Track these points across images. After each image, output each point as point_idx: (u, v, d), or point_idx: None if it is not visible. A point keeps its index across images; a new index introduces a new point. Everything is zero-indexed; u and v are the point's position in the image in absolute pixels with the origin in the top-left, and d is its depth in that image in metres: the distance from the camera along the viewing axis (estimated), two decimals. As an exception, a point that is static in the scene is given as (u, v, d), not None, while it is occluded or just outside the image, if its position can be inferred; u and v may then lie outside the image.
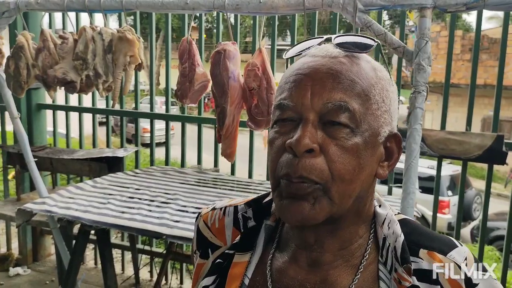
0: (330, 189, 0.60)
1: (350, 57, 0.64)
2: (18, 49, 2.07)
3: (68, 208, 2.09)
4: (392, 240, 0.65)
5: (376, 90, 0.63)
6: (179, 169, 2.87)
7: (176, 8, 1.82)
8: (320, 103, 0.60)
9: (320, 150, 0.60)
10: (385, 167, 0.66)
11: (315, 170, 0.59)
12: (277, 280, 0.68)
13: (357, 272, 0.65)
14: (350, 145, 0.60)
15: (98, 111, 3.41)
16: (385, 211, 0.69)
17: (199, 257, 0.77)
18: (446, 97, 2.53)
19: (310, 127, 0.60)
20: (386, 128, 0.64)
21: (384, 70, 0.67)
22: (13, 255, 3.56)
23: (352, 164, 0.60)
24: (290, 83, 0.63)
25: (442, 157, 2.51)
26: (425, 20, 1.48)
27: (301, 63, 0.64)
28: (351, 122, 0.60)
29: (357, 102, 0.60)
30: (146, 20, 3.99)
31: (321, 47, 0.66)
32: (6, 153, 3.12)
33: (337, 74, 0.61)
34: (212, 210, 0.79)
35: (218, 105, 1.80)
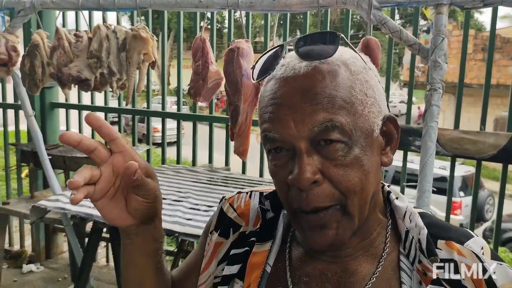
0: (346, 206, 0.61)
1: (319, 66, 0.61)
2: (34, 47, 2.09)
3: (81, 205, 2.10)
4: (415, 232, 0.66)
5: (356, 90, 0.61)
6: (190, 168, 2.88)
7: (189, 6, 1.83)
8: (306, 130, 0.59)
9: (323, 176, 0.59)
10: (388, 152, 0.66)
11: (326, 196, 0.60)
12: (298, 268, 0.69)
13: (379, 264, 0.66)
14: (349, 160, 0.60)
15: (110, 110, 3.44)
16: (404, 203, 0.69)
17: (218, 235, 0.77)
18: (460, 96, 2.49)
19: (306, 158, 0.59)
20: (378, 119, 0.63)
21: (356, 59, 0.64)
22: (26, 252, 3.60)
23: (358, 175, 0.60)
24: (268, 113, 0.62)
25: (455, 156, 2.49)
26: (442, 17, 1.47)
27: (273, 90, 0.62)
28: (343, 136, 0.59)
29: (342, 115, 0.59)
30: (157, 21, 4.02)
31: (286, 63, 0.63)
32: (20, 151, 3.15)
33: (311, 94, 0.59)
34: (238, 193, 0.81)
35: (231, 103, 1.80)
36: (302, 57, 0.62)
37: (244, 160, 2.03)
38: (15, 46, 2.18)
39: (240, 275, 0.72)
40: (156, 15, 4.50)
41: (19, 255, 3.57)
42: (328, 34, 0.63)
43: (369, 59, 0.67)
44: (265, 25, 2.84)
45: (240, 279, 0.71)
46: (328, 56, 0.62)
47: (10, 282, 3.24)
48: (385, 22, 1.54)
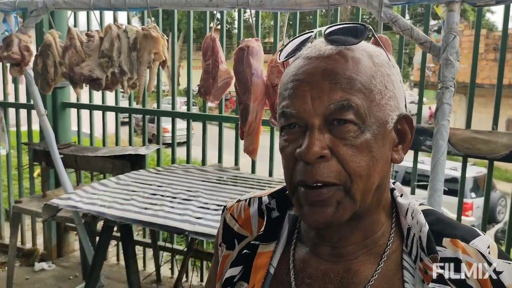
0: (350, 189, 0.60)
1: (344, 51, 0.63)
2: (46, 47, 2.12)
3: (92, 204, 2.12)
4: (416, 230, 0.65)
5: (376, 79, 0.62)
6: (200, 167, 2.89)
7: (200, 6, 1.84)
8: (321, 107, 0.60)
9: (331, 152, 0.60)
10: (399, 150, 0.66)
11: (332, 172, 0.60)
12: (301, 269, 0.69)
13: (380, 261, 0.66)
14: (359, 142, 0.60)
15: (121, 109, 3.46)
16: (407, 200, 0.69)
17: (225, 249, 0.78)
18: (472, 96, 2.47)
19: (317, 133, 0.60)
20: (394, 114, 0.64)
21: (381, 54, 0.66)
22: (38, 251, 3.64)
23: (366, 160, 0.60)
24: (288, 89, 0.63)
25: (467, 156, 2.46)
26: (453, 15, 1.46)
27: (296, 68, 0.64)
28: (357, 118, 0.60)
29: (359, 98, 0.60)
30: (166, 21, 4.05)
31: (313, 45, 0.65)
32: (32, 150, 3.19)
33: (333, 74, 0.60)
34: (237, 202, 0.80)
35: (241, 101, 1.80)
36: (329, 41, 0.64)
37: (253, 159, 2.03)
38: (28, 46, 2.21)
39: (244, 277, 0.72)
40: (166, 16, 4.54)
41: (31, 253, 3.61)
42: (357, 25, 0.65)
43: (393, 58, 0.68)
44: (274, 25, 2.84)
45: (244, 281, 0.72)
46: (353, 44, 0.63)
47: (22, 280, 3.28)
48: (396, 20, 1.53)
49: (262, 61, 1.80)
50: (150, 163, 4.94)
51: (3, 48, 2.19)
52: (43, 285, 3.24)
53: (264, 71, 1.80)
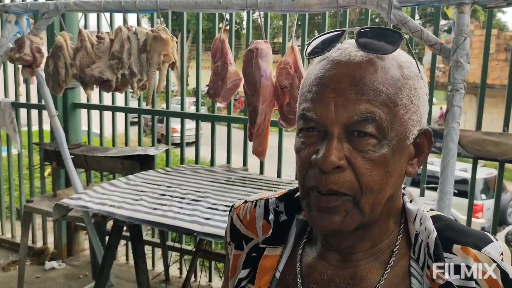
0: (360, 201, 0.60)
1: (375, 60, 0.61)
2: (57, 49, 2.15)
3: (102, 204, 2.14)
4: (424, 236, 0.64)
5: (403, 93, 0.61)
6: (209, 168, 2.90)
7: (209, 7, 1.85)
8: (345, 116, 0.58)
9: (348, 162, 0.59)
10: (414, 164, 0.65)
11: (345, 183, 0.59)
12: (307, 274, 0.68)
13: (387, 267, 0.65)
14: (377, 157, 0.59)
15: (131, 110, 3.49)
16: (416, 206, 0.68)
17: (234, 248, 0.78)
18: (482, 97, 2.45)
19: (336, 143, 0.59)
20: (415, 129, 0.63)
21: (412, 65, 0.64)
22: (48, 250, 3.68)
23: (380, 174, 0.60)
24: (312, 93, 0.61)
25: (477, 158, 2.44)
26: (464, 16, 1.45)
27: (322, 70, 0.62)
28: (378, 132, 0.59)
29: (383, 111, 0.59)
30: (176, 22, 4.06)
31: (343, 48, 0.63)
32: (43, 150, 3.23)
33: (360, 84, 0.59)
34: (244, 203, 0.80)
35: (250, 103, 1.81)
36: (361, 46, 0.62)
37: (262, 160, 2.04)
38: (39, 47, 2.23)
39: (251, 280, 0.72)
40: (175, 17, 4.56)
41: (42, 252, 3.65)
42: (392, 32, 0.63)
43: (423, 68, 0.66)
44: (283, 26, 2.84)
45: (251, 283, 0.72)
46: (386, 53, 0.61)
47: (33, 279, 3.32)
48: (406, 21, 1.52)
49: (271, 62, 1.80)
50: (159, 163, 4.96)
51: (15, 49, 2.22)
52: (53, 284, 3.28)
53: (273, 73, 1.80)
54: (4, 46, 2.27)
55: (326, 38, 0.66)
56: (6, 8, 2.30)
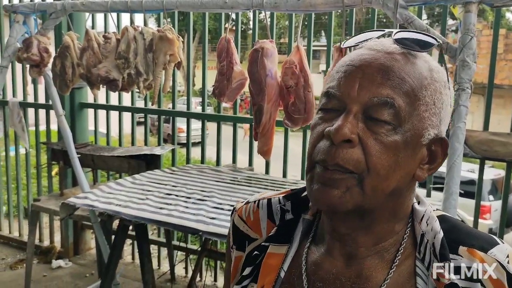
0: (363, 180, 0.60)
1: (407, 54, 0.63)
2: (64, 48, 2.16)
3: (109, 203, 2.15)
4: (430, 236, 0.64)
5: (428, 91, 0.62)
6: (214, 168, 2.90)
7: (215, 7, 1.85)
8: (366, 96, 0.60)
9: (359, 141, 0.60)
10: (424, 170, 0.65)
11: (352, 160, 0.59)
12: (312, 273, 0.68)
13: (392, 266, 0.65)
14: (389, 142, 0.59)
15: (137, 110, 3.50)
16: (424, 207, 0.68)
17: (236, 250, 0.78)
18: (490, 97, 2.43)
19: (352, 118, 0.60)
20: (432, 131, 0.63)
21: (441, 72, 0.65)
22: (55, 248, 3.71)
23: (389, 160, 0.60)
24: (340, 73, 0.64)
25: (484, 159, 2.42)
26: (470, 15, 1.44)
27: (356, 55, 0.64)
28: (394, 119, 0.59)
29: (404, 101, 0.60)
30: (182, 22, 4.08)
31: (379, 40, 0.66)
32: (50, 149, 3.25)
33: (388, 71, 0.61)
34: (246, 204, 0.80)
35: (255, 103, 1.81)
36: (396, 41, 0.64)
37: (267, 160, 2.04)
38: (47, 47, 2.25)
39: (254, 278, 0.72)
40: (182, 17, 4.58)
41: (48, 251, 3.68)
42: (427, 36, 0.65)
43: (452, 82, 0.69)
44: (289, 26, 2.84)
45: (254, 282, 0.72)
46: (419, 51, 0.63)
47: (40, 277, 3.34)
48: (412, 21, 1.52)
49: (276, 62, 1.80)
50: (165, 163, 4.98)
51: (23, 49, 2.24)
52: (60, 282, 3.30)
53: (278, 73, 1.80)
54: (12, 46, 2.29)
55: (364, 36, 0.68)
56: (14, 8, 2.32)
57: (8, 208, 4.00)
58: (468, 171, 6.09)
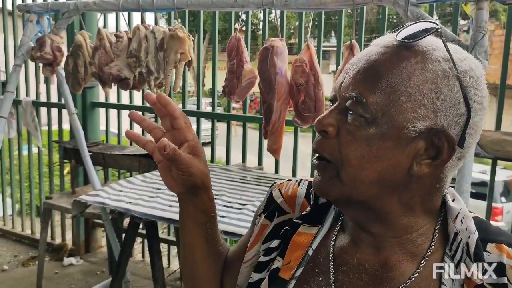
0: (340, 171, 0.64)
1: (398, 47, 0.62)
2: (77, 47, 2.19)
3: (119, 200, 2.17)
4: (464, 235, 0.64)
5: (411, 82, 0.59)
6: (224, 167, 2.92)
7: (225, 6, 1.86)
8: (343, 92, 0.64)
9: (337, 133, 0.64)
10: (423, 164, 0.62)
11: (328, 149, 0.65)
12: (338, 256, 0.71)
13: (422, 261, 0.65)
14: (360, 134, 0.62)
15: (148, 109, 3.52)
16: (459, 205, 0.67)
17: (264, 217, 0.81)
18: (502, 97, 2.40)
19: (335, 111, 0.65)
20: (420, 123, 0.60)
21: (443, 61, 0.60)
22: (67, 246, 3.75)
23: (361, 151, 0.62)
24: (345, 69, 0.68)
25: (496, 159, 2.39)
26: (482, 13, 1.43)
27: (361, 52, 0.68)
28: (366, 113, 0.61)
29: (377, 95, 0.60)
30: (192, 22, 4.10)
31: (386, 35, 0.67)
32: (62, 148, 3.29)
33: (368, 67, 0.63)
34: (288, 180, 0.84)
35: (265, 101, 1.81)
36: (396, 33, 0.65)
37: (277, 158, 2.04)
38: (59, 46, 2.28)
39: (280, 253, 0.74)
40: (192, 18, 4.61)
41: (60, 248, 3.72)
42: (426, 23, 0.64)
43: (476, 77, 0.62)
44: (299, 26, 2.84)
45: (280, 256, 0.74)
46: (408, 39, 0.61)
47: (52, 274, 3.38)
48: (423, 19, 1.51)
49: (287, 60, 1.81)
50: (175, 162, 5.00)
51: (36, 48, 2.27)
52: (71, 280, 3.33)
53: (288, 71, 1.81)
54: (25, 45, 2.33)
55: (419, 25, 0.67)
56: (28, 8, 2.36)
57: (21, 206, 4.05)
58: (480, 172, 6.02)
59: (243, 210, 2.09)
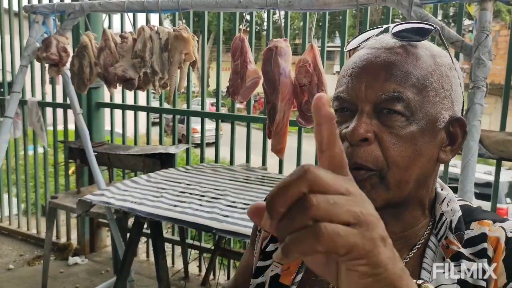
0: (385, 176, 0.61)
1: (407, 46, 0.64)
2: (82, 48, 2.21)
3: (124, 200, 2.18)
4: (449, 215, 0.67)
5: (434, 77, 0.63)
6: (228, 167, 2.93)
7: (229, 7, 1.87)
8: (373, 95, 0.62)
9: (375, 138, 0.61)
10: (447, 151, 0.66)
11: (370, 157, 0.61)
12: None
13: (414, 248, 0.67)
14: (404, 133, 0.61)
15: (152, 109, 3.55)
16: (446, 191, 0.71)
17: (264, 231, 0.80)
18: (507, 97, 2.40)
19: (365, 117, 0.62)
20: (446, 114, 0.64)
21: (444, 55, 0.67)
22: (72, 245, 3.78)
23: (407, 151, 0.61)
24: (347, 76, 0.65)
25: (501, 159, 2.39)
26: (486, 13, 1.43)
27: (358, 56, 0.66)
28: (406, 110, 0.61)
29: (412, 92, 0.61)
30: (197, 23, 4.11)
31: (378, 38, 0.67)
32: (68, 148, 3.31)
33: (391, 66, 0.62)
34: None
35: (269, 101, 1.82)
36: (395, 35, 0.66)
37: (281, 158, 2.05)
38: (65, 47, 2.30)
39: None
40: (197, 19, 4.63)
41: (65, 248, 3.75)
42: (423, 24, 0.67)
43: (458, 63, 0.69)
44: (303, 26, 2.85)
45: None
46: (417, 41, 0.65)
47: (57, 273, 3.40)
48: (426, 19, 1.51)
49: (290, 61, 1.81)
50: (180, 162, 5.02)
51: (42, 49, 2.29)
52: (76, 279, 3.35)
53: (292, 71, 1.81)
54: (31, 45, 2.35)
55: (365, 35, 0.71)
56: (34, 9, 2.38)
57: (27, 206, 4.08)
58: (485, 173, 6.00)
59: (247, 209, 2.09)
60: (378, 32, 0.69)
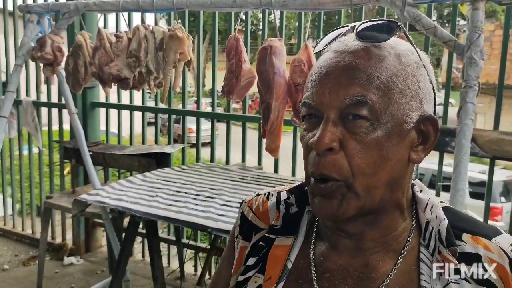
0: (353, 185, 0.61)
1: (370, 48, 0.63)
2: (77, 48, 2.21)
3: (119, 200, 2.18)
4: (435, 224, 0.66)
5: (399, 78, 0.62)
6: (223, 166, 2.93)
7: (224, 6, 1.88)
8: (338, 100, 0.61)
9: (340, 146, 0.61)
10: (419, 151, 0.65)
11: (335, 167, 0.61)
12: (320, 263, 0.69)
13: (400, 257, 0.66)
14: (369, 139, 0.60)
15: (148, 109, 3.55)
16: (427, 196, 0.70)
17: (241, 239, 0.78)
18: (500, 96, 2.42)
19: (330, 126, 0.61)
20: (414, 114, 0.63)
21: (412, 53, 0.65)
22: (67, 245, 3.77)
23: (373, 157, 0.61)
24: (312, 81, 0.65)
25: (494, 158, 2.41)
26: (478, 13, 1.44)
27: (322, 61, 0.65)
28: (371, 114, 0.60)
29: (376, 95, 0.60)
30: (192, 23, 4.11)
31: (342, 40, 0.66)
32: (63, 148, 3.31)
33: (354, 70, 0.61)
34: (256, 196, 0.81)
35: (263, 100, 1.83)
36: (358, 36, 0.64)
37: (275, 157, 2.05)
38: (60, 46, 2.30)
39: (260, 270, 0.72)
40: (192, 18, 4.63)
41: (60, 248, 3.74)
42: (389, 22, 0.65)
43: (428, 58, 0.68)
44: (299, 26, 2.85)
45: (260, 273, 0.72)
46: (381, 41, 0.64)
47: (52, 274, 3.39)
48: (420, 19, 1.52)
49: (285, 60, 1.82)
50: (175, 162, 5.02)
51: (37, 48, 2.29)
52: (71, 279, 3.35)
53: (287, 71, 1.82)
54: (26, 45, 2.34)
55: (333, 34, 0.70)
56: (28, 8, 2.38)
57: (21, 206, 4.07)
58: (480, 172, 6.04)
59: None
60: (345, 31, 0.68)
